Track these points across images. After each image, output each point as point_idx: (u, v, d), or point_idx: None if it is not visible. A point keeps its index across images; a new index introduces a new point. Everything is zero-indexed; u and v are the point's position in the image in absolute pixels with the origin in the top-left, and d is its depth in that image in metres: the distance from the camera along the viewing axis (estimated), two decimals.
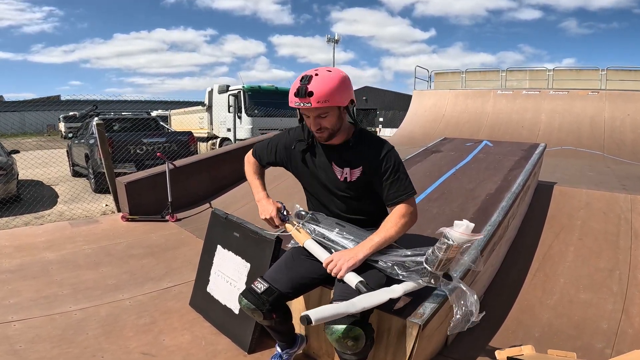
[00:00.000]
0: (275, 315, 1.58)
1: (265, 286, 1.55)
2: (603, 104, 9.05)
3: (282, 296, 1.56)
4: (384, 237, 1.50)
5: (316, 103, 1.42)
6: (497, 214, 2.21)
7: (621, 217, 2.92)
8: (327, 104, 1.43)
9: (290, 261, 1.68)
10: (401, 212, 1.56)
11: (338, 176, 1.62)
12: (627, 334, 2.08)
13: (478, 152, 3.51)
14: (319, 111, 1.46)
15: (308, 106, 1.43)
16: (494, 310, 2.30)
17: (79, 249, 3.47)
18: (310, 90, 1.41)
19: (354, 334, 1.34)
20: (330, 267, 1.44)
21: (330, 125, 1.51)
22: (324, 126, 1.51)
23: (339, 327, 1.34)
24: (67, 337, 2.12)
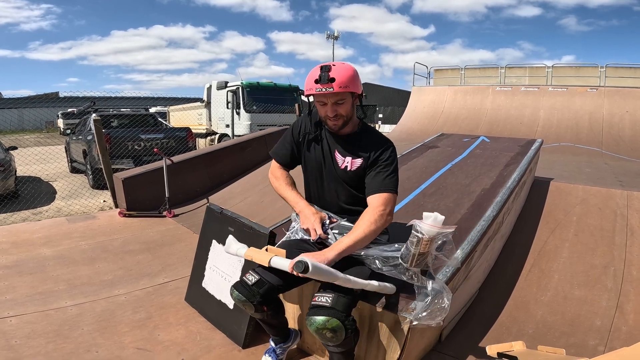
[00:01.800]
0: (266, 308, 1.58)
1: (257, 278, 1.55)
2: (602, 101, 9.04)
3: (273, 288, 1.56)
4: (354, 240, 1.48)
5: (338, 88, 1.50)
6: (492, 209, 2.21)
7: (617, 213, 2.92)
8: (348, 89, 1.52)
9: None
10: (374, 213, 1.54)
11: (339, 164, 1.68)
12: (621, 330, 2.08)
13: (475, 148, 3.51)
14: (338, 97, 1.54)
15: (330, 91, 1.50)
16: (489, 306, 2.31)
17: (75, 245, 3.47)
18: (333, 77, 1.49)
19: (332, 325, 1.35)
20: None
21: (345, 112, 1.59)
22: (339, 113, 1.58)
23: (317, 318, 1.37)
24: (62, 332, 2.13)
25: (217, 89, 10.58)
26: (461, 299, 2.07)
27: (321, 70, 1.52)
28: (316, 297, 1.43)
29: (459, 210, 2.28)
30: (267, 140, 5.95)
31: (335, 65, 1.54)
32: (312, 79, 1.53)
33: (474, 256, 1.93)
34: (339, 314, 1.37)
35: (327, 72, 1.50)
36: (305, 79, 1.59)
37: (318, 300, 1.42)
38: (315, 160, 1.75)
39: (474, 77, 12.72)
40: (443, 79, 13.31)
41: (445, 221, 1.84)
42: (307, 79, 1.57)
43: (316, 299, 1.43)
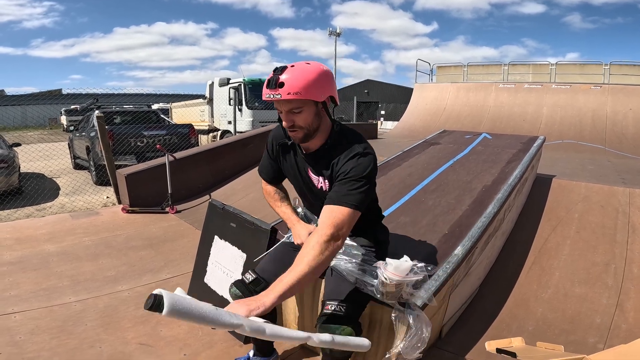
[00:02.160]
0: None
1: (253, 277, 1.59)
2: (605, 98, 9.01)
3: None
4: (296, 277, 1.19)
5: (286, 95, 1.27)
6: (493, 205, 2.22)
7: (619, 211, 2.92)
8: (299, 96, 1.28)
9: (279, 254, 1.70)
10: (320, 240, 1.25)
11: (315, 184, 1.51)
12: (621, 328, 2.09)
13: (477, 145, 3.51)
14: (291, 105, 1.32)
15: (277, 98, 1.28)
16: (489, 303, 2.32)
17: (79, 241, 3.50)
18: (282, 81, 1.28)
19: (345, 332, 1.36)
20: None
21: (304, 123, 1.35)
22: (297, 124, 1.35)
23: (333, 327, 1.37)
24: (66, 328, 2.15)
25: (220, 86, 10.60)
26: (462, 295, 2.09)
27: (274, 72, 1.31)
28: (329, 306, 1.41)
29: (460, 207, 2.28)
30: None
31: (294, 66, 1.32)
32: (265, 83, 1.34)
33: (474, 253, 1.94)
34: (352, 322, 1.39)
35: (279, 74, 1.29)
36: None
37: (331, 308, 1.40)
38: (294, 177, 1.59)
39: (476, 74, 12.69)
40: (446, 75, 13.29)
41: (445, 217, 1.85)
42: None
43: (329, 307, 1.40)
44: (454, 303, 1.94)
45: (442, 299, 1.70)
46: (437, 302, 1.60)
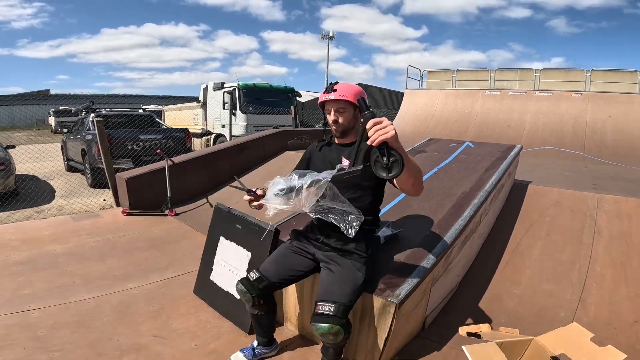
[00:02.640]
0: (262, 302, 1.87)
1: (257, 275, 1.87)
2: (586, 105, 9.36)
3: (270, 285, 1.87)
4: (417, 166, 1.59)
5: (337, 96, 1.73)
6: (469, 210, 2.48)
7: (587, 215, 3.18)
8: (346, 97, 1.73)
9: (281, 255, 1.96)
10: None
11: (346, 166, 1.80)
12: (582, 321, 2.28)
13: (460, 153, 3.77)
14: (339, 105, 1.76)
15: (331, 98, 1.74)
16: (467, 299, 2.57)
17: (84, 242, 3.67)
18: (335, 88, 1.75)
19: (335, 331, 1.62)
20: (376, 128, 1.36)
21: (344, 121, 1.79)
22: (340, 121, 1.79)
23: (323, 325, 1.62)
24: (84, 323, 2.33)
25: (214, 90, 10.76)
26: (442, 290, 2.34)
27: (330, 84, 1.80)
28: (320, 306, 1.66)
29: (441, 211, 2.54)
30: (265, 142, 6.18)
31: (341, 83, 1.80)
32: (322, 91, 1.82)
33: (452, 251, 2.19)
34: (341, 320, 1.63)
35: (334, 84, 1.78)
36: None
37: (322, 309, 1.64)
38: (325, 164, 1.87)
39: (465, 80, 13.04)
40: (435, 81, 13.62)
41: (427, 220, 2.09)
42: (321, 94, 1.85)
43: (320, 307, 1.65)
44: (434, 297, 2.18)
45: (424, 292, 1.95)
46: (419, 293, 1.85)
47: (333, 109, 1.79)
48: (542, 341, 1.30)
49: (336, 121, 1.80)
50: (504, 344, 1.30)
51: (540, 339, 1.30)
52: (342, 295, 1.67)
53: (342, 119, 1.80)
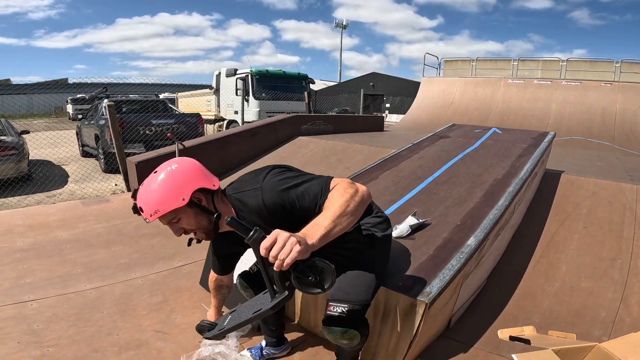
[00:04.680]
0: None
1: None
2: (615, 96, 8.98)
3: None
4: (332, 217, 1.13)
5: (149, 217, 1.27)
6: (504, 198, 2.24)
7: (626, 207, 2.93)
8: (159, 214, 1.26)
9: None
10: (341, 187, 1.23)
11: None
12: (625, 322, 2.12)
13: (486, 139, 3.51)
14: (165, 219, 1.31)
15: (148, 221, 1.30)
16: (496, 295, 2.35)
17: (91, 228, 3.55)
18: (140, 207, 1.30)
19: (349, 335, 1.37)
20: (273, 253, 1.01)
21: (191, 226, 1.35)
22: (187, 228, 1.35)
23: (335, 328, 1.38)
24: (83, 315, 2.19)
25: (226, 76, 10.62)
26: (471, 287, 2.12)
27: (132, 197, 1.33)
28: (331, 307, 1.40)
29: (472, 199, 2.31)
30: (277, 127, 5.99)
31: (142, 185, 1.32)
32: None
33: (485, 244, 1.96)
34: (356, 323, 1.39)
35: (135, 199, 1.31)
36: None
37: (334, 310, 1.39)
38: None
39: (485, 69, 12.59)
40: (453, 70, 13.19)
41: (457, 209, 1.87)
42: None
43: (331, 308, 1.39)
44: (464, 294, 1.97)
45: (455, 289, 1.73)
46: (449, 291, 1.63)
47: (165, 224, 1.34)
48: (607, 347, 1.08)
49: (185, 232, 1.37)
50: (561, 352, 1.08)
51: (606, 346, 1.08)
52: (356, 293, 1.40)
53: (186, 225, 1.34)
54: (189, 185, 1.31)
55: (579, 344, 1.12)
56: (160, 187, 1.27)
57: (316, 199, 1.26)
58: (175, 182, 1.28)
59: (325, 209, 1.19)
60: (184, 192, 1.28)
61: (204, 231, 1.36)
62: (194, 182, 1.33)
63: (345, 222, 1.16)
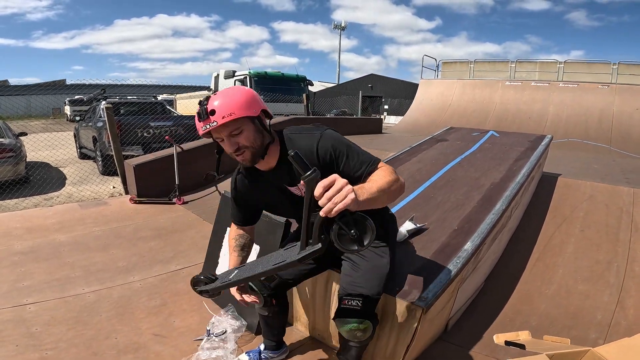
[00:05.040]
0: (274, 301, 1.67)
1: None
2: (613, 98, 9.02)
3: (283, 283, 1.66)
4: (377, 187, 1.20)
5: (221, 119, 1.27)
6: (501, 202, 2.26)
7: (623, 210, 2.95)
8: (234, 116, 1.28)
9: None
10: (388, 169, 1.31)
11: (297, 194, 1.49)
12: (620, 325, 2.13)
13: (484, 142, 3.53)
14: (230, 128, 1.30)
15: (215, 125, 1.28)
16: (493, 298, 2.36)
17: (89, 231, 3.55)
18: (212, 109, 1.28)
19: (364, 326, 1.41)
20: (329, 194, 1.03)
21: (248, 141, 1.33)
22: (242, 144, 1.33)
23: (351, 320, 1.42)
24: (81, 319, 2.19)
25: (225, 78, 10.64)
26: (468, 290, 2.13)
27: (200, 104, 1.31)
28: (346, 300, 1.45)
29: (469, 203, 2.32)
30: (276, 129, 5.99)
31: (216, 94, 1.34)
32: (197, 120, 1.33)
33: (482, 248, 1.97)
34: (369, 315, 1.44)
35: (206, 104, 1.29)
36: None
37: (348, 303, 1.44)
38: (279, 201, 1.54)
39: (483, 71, 12.65)
40: (451, 72, 13.25)
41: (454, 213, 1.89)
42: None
43: (346, 302, 1.45)
44: (461, 297, 1.98)
45: (452, 293, 1.74)
46: (446, 296, 1.64)
47: (224, 135, 1.32)
48: (601, 352, 1.09)
49: (238, 148, 1.33)
50: (555, 356, 1.09)
51: (599, 350, 1.09)
52: (369, 287, 1.45)
53: (243, 141, 1.32)
54: (259, 104, 1.37)
55: (572, 348, 1.14)
56: (239, 95, 1.32)
57: (362, 166, 1.34)
58: (250, 97, 1.34)
59: (370, 180, 1.26)
60: (256, 106, 1.35)
61: (253, 152, 1.35)
62: (262, 104, 1.39)
63: (384, 198, 1.22)
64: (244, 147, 1.33)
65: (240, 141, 1.32)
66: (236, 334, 2.03)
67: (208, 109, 1.28)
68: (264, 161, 1.41)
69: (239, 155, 1.35)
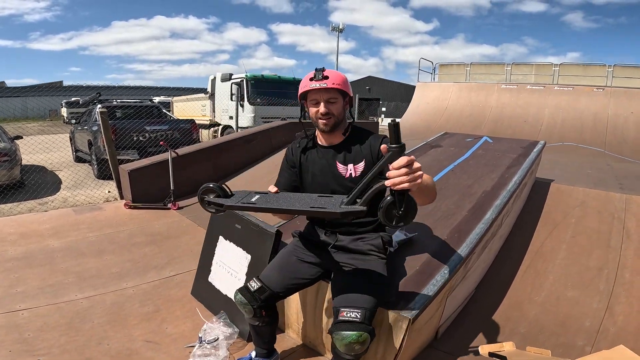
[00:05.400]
0: (264, 313, 1.70)
1: (259, 285, 1.68)
2: (607, 101, 9.01)
3: (273, 295, 1.68)
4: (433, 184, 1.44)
5: (331, 84, 1.55)
6: (491, 212, 2.27)
7: (615, 217, 2.96)
8: (340, 86, 1.57)
9: (284, 262, 1.77)
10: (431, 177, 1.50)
11: (343, 174, 1.66)
12: (609, 331, 2.15)
13: (477, 148, 3.54)
14: (331, 94, 1.58)
15: (324, 86, 1.55)
16: (484, 305, 2.38)
17: (83, 237, 3.55)
18: (327, 75, 1.56)
19: (364, 339, 1.42)
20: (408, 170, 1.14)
21: (337, 112, 1.61)
22: (332, 112, 1.59)
23: (350, 333, 1.41)
24: (74, 325, 2.19)
25: (222, 81, 10.61)
26: (458, 298, 2.14)
27: (316, 70, 1.59)
28: (344, 312, 1.46)
29: (460, 212, 2.33)
30: (272, 134, 6.00)
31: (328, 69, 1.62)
32: (307, 79, 1.59)
33: (471, 258, 1.99)
34: (368, 327, 1.44)
35: (322, 71, 1.58)
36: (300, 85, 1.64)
37: (347, 315, 1.45)
38: (316, 176, 1.71)
39: (479, 73, 12.68)
40: (448, 74, 13.28)
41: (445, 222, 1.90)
42: (302, 82, 1.63)
43: (344, 314, 1.45)
44: (450, 306, 1.99)
45: (440, 302, 1.76)
46: (434, 305, 1.66)
47: (323, 100, 1.59)
48: None
49: (327, 113, 1.60)
50: None
51: None
52: (368, 300, 1.48)
53: (334, 110, 1.60)
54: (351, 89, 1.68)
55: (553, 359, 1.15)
56: (343, 76, 1.62)
57: None
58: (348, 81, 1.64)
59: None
60: (350, 90, 1.66)
61: (336, 121, 1.62)
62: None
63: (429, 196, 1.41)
64: (332, 115, 1.60)
65: (331, 109, 1.60)
66: (228, 341, 2.03)
67: (324, 74, 1.56)
68: (333, 135, 1.67)
69: (325, 119, 1.60)
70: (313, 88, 1.57)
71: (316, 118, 1.62)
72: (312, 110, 1.63)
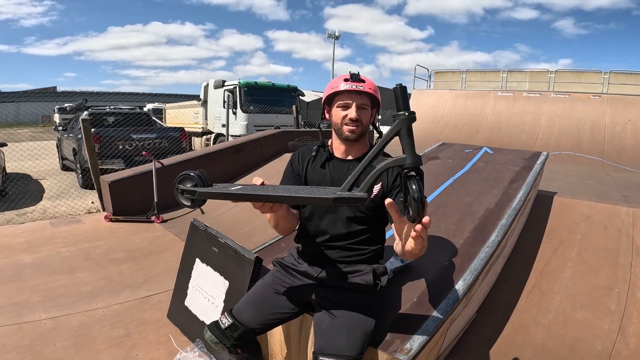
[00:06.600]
0: (240, 350, 1.50)
1: (230, 322, 1.48)
2: (604, 109, 8.93)
3: (248, 332, 1.48)
4: None
5: (368, 89, 1.45)
6: (496, 233, 2.06)
7: (622, 232, 2.80)
8: (375, 93, 1.48)
9: (261, 295, 1.56)
10: None
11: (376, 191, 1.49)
12: (622, 355, 1.98)
13: (477, 161, 3.36)
14: (364, 100, 1.47)
15: (361, 89, 1.44)
16: (486, 330, 2.18)
17: (56, 252, 3.33)
18: (364, 79, 1.47)
19: None
20: None
21: (365, 121, 1.49)
22: (360, 119, 1.46)
23: None
24: (34, 348, 2.01)
25: (214, 88, 10.44)
26: (459, 326, 1.94)
27: (351, 73, 1.48)
28: None
29: (461, 234, 2.12)
30: (263, 143, 5.81)
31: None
32: (340, 80, 1.47)
33: (475, 284, 1.79)
34: None
35: (358, 75, 1.47)
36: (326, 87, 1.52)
37: None
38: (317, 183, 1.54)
39: (474, 80, 12.63)
40: (443, 82, 13.22)
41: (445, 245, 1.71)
42: (330, 84, 1.50)
43: None
44: (450, 336, 1.79)
45: (440, 337, 1.55)
46: (433, 342, 1.45)
47: (355, 104, 1.45)
48: None
49: (357, 120, 1.45)
50: None
51: None
52: (351, 346, 1.30)
53: (363, 117, 1.47)
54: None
55: None
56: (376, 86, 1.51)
57: None
58: None
59: None
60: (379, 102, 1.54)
61: (363, 130, 1.49)
62: None
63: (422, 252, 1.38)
64: (360, 123, 1.47)
65: (361, 116, 1.47)
66: None
67: (360, 77, 1.46)
68: (352, 147, 1.53)
69: (353, 126, 1.46)
70: (347, 89, 1.44)
71: (342, 123, 1.47)
72: (339, 114, 1.47)
